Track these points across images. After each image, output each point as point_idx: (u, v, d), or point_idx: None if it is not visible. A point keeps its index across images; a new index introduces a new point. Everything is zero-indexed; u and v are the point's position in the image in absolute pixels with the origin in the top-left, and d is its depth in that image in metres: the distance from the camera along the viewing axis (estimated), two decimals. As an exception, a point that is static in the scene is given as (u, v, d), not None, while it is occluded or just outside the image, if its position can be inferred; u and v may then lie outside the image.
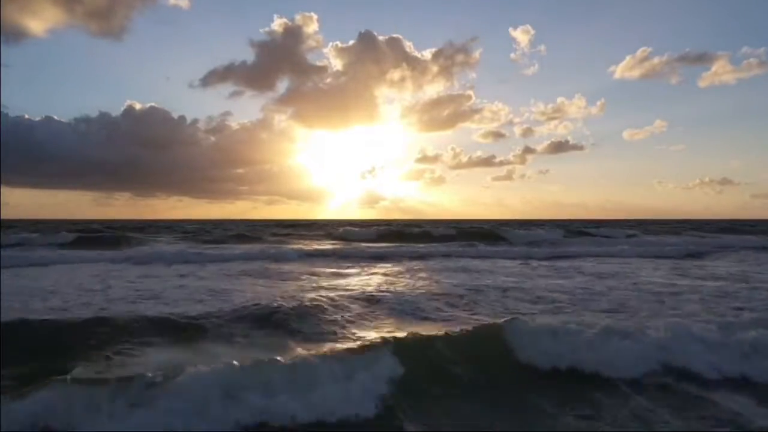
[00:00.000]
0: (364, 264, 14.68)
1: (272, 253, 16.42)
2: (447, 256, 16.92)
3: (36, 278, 11.15)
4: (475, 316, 7.05)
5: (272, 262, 14.84)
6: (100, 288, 9.71)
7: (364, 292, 8.44)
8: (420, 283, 10.44)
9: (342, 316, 6.53)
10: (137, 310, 7.10)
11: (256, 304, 6.97)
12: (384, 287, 9.46)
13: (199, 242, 24.94)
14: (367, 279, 11.06)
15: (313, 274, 11.94)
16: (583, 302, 8.40)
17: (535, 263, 14.83)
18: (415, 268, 13.76)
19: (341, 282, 10.60)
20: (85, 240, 25.28)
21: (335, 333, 5.82)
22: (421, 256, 16.64)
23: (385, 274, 12.08)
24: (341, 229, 33.81)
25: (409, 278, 11.18)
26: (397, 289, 9.18)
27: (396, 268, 13.29)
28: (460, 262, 15.24)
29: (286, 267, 13.63)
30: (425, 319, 6.73)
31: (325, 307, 6.85)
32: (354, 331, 5.98)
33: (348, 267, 14.03)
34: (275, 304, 6.90)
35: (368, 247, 22.23)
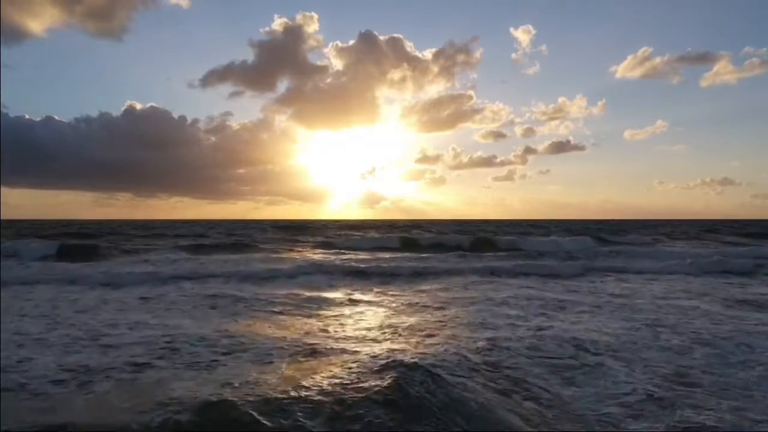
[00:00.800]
0: (361, 287, 12.83)
1: (258, 270, 14.63)
2: (458, 273, 14.99)
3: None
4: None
5: (256, 282, 13.07)
6: (36, 329, 7.87)
7: (370, 351, 6.30)
8: (430, 320, 8.56)
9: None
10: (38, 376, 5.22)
11: (213, 390, 4.98)
12: (393, 337, 7.41)
13: (187, 251, 23.24)
14: (368, 317, 9.09)
15: (300, 305, 10.03)
16: (635, 355, 6.51)
17: (558, 286, 12.96)
18: (424, 292, 11.94)
19: (335, 322, 8.72)
20: (69, 250, 23.67)
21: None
22: (427, 275, 14.71)
23: (390, 306, 10.20)
24: (339, 235, 32.04)
25: (420, 315, 9.27)
26: (410, 341, 7.12)
27: (401, 298, 11.34)
28: (473, 281, 13.44)
29: (271, 291, 11.81)
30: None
31: (317, 395, 4.71)
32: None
33: (344, 291, 12.22)
34: (239, 395, 4.82)
35: (366, 260, 20.40)
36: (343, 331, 7.69)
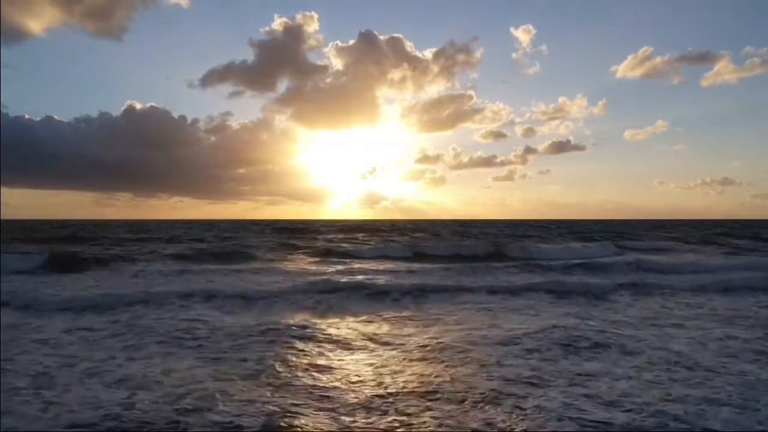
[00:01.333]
0: (357, 311, 11.54)
1: (246, 290, 13.41)
2: (466, 291, 13.65)
3: None
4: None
5: (241, 304, 11.89)
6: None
7: None
8: (436, 362, 7.32)
9: None
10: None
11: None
12: (391, 403, 6.05)
13: (177, 260, 22.15)
14: (360, 365, 7.70)
15: (283, 341, 8.57)
16: (695, 418, 5.23)
17: (579, 307, 11.74)
18: (429, 320, 10.72)
19: (320, 366, 7.48)
20: (58, 260, 22.61)
21: None
22: (432, 295, 13.34)
23: (388, 342, 8.88)
24: (339, 240, 30.90)
25: (423, 357, 7.99)
26: (417, 407, 5.52)
27: (401, 328, 10.03)
28: (484, 303, 12.23)
29: (256, 317, 10.59)
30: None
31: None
32: None
33: (335, 318, 11.01)
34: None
35: (365, 270, 19.20)
36: (329, 382, 6.39)
